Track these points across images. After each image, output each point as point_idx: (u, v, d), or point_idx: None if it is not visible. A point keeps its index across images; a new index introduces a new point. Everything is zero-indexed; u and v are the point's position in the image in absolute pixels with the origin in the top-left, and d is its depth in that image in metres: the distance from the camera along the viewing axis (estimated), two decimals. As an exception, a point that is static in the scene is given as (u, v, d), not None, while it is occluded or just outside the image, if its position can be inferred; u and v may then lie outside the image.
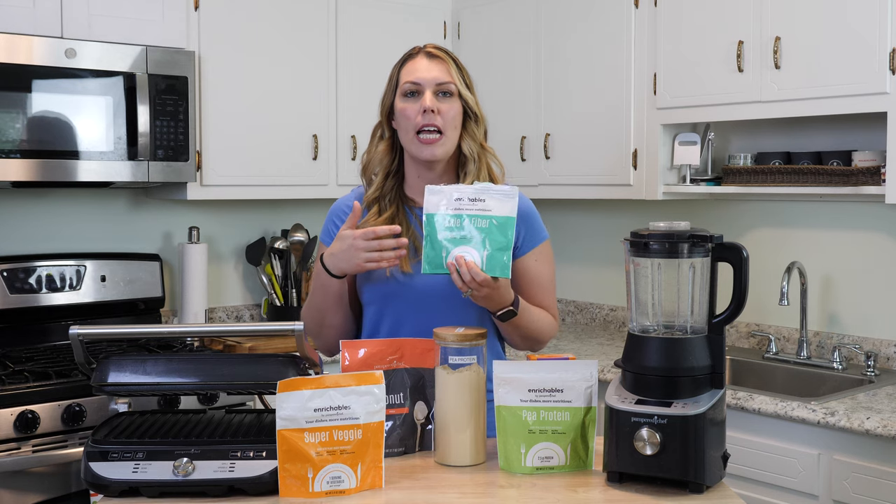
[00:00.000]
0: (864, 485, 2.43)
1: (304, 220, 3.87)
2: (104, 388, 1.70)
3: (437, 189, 1.84)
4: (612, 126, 3.47)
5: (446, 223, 1.82)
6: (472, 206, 1.82)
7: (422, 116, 1.96)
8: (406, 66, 2.02)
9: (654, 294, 1.70)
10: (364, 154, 2.09)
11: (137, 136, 3.14)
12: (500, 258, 1.80)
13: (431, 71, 1.99)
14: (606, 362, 3.12)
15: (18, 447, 2.61)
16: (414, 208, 2.04)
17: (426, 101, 1.96)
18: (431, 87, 1.98)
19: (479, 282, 1.79)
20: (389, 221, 2.00)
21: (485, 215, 1.81)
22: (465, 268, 1.78)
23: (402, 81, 2.00)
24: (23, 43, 2.93)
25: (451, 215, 1.82)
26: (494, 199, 1.82)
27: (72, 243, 3.45)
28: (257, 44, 3.51)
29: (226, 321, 3.79)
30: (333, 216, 2.10)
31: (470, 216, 1.81)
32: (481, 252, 1.80)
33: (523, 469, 1.71)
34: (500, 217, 1.81)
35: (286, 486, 1.58)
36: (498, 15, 3.88)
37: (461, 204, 1.82)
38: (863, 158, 2.94)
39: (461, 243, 1.81)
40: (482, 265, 1.80)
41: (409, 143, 2.00)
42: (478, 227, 1.81)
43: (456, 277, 1.80)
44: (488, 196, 1.82)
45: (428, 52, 2.03)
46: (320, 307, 2.00)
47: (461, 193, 1.82)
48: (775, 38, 2.96)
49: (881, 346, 3.08)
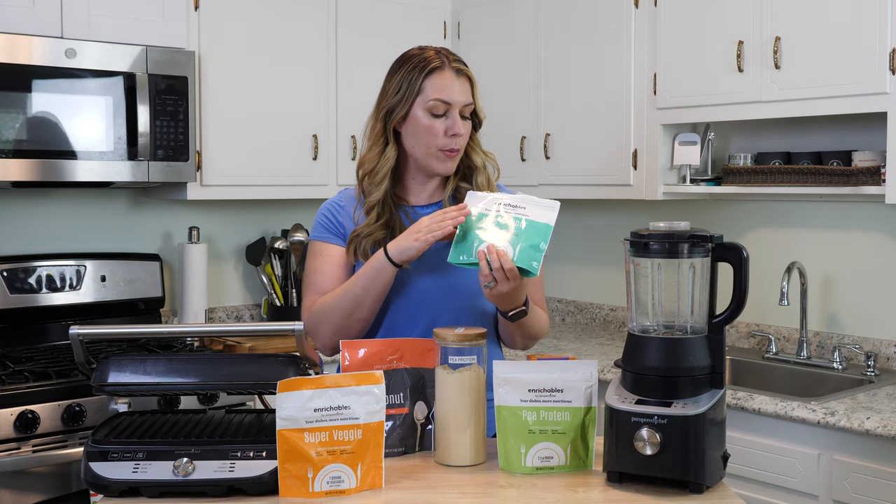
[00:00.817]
0: (864, 485, 2.43)
1: (304, 220, 3.87)
2: (104, 388, 1.70)
3: (480, 195, 1.88)
4: (612, 126, 3.47)
5: (484, 220, 1.84)
6: (513, 211, 1.84)
7: (450, 139, 1.98)
8: (434, 80, 1.98)
9: (654, 294, 1.70)
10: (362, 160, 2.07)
11: (137, 136, 3.14)
12: (533, 255, 1.79)
13: (463, 93, 2.00)
14: (606, 362, 3.12)
15: (18, 447, 2.61)
16: (406, 207, 2.06)
17: (458, 126, 1.98)
18: (459, 108, 1.99)
19: (506, 271, 1.78)
20: (385, 225, 2.00)
21: (524, 217, 1.83)
22: (496, 255, 1.78)
23: (430, 96, 1.97)
24: (23, 43, 2.93)
25: (487, 214, 1.84)
26: (536, 208, 1.84)
27: (72, 243, 3.45)
28: (257, 44, 3.51)
29: (226, 321, 3.79)
30: (325, 211, 2.10)
31: (509, 216, 1.83)
32: (515, 245, 1.80)
33: (523, 469, 1.71)
34: (538, 223, 1.82)
35: (286, 486, 1.58)
36: (498, 15, 3.88)
37: (502, 208, 1.85)
38: (863, 158, 2.94)
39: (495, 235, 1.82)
40: (514, 257, 1.79)
41: (427, 156, 2.00)
42: (515, 225, 1.82)
43: (484, 265, 1.79)
44: (529, 205, 1.84)
45: (456, 68, 2.00)
46: (360, 297, 1.94)
47: (503, 199, 1.86)
48: (775, 38, 2.96)
49: (881, 346, 3.08)
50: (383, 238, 1.98)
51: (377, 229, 2.00)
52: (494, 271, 1.78)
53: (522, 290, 1.87)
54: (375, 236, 1.99)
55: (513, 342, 2.08)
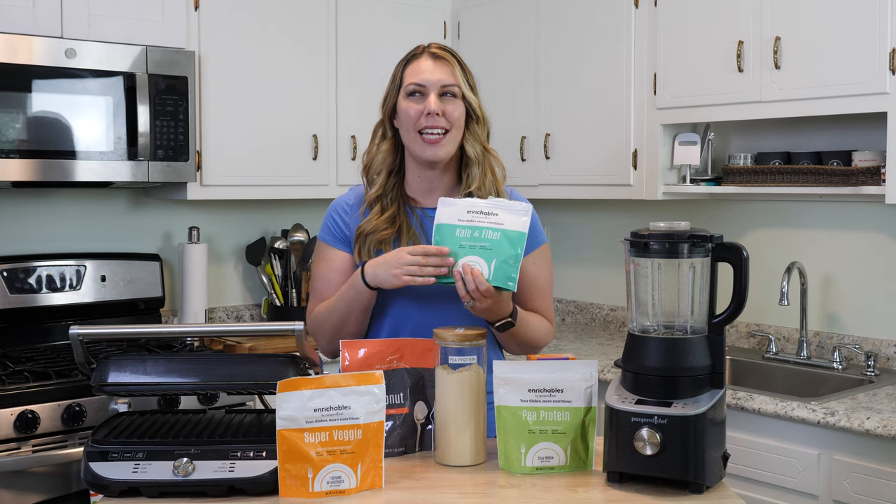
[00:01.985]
0: (864, 485, 2.43)
1: (304, 220, 3.87)
2: (104, 388, 1.70)
3: (450, 201, 1.85)
4: (612, 126, 3.47)
5: (456, 233, 1.82)
6: (485, 219, 1.82)
7: (425, 118, 1.96)
8: (410, 66, 2.01)
9: (654, 294, 1.70)
10: (365, 154, 2.09)
11: (137, 136, 3.14)
12: (508, 271, 1.80)
13: (436, 73, 1.98)
14: (606, 362, 3.12)
15: (18, 447, 2.61)
16: (415, 208, 2.04)
17: (430, 104, 1.96)
18: (436, 89, 1.98)
19: (482, 292, 1.79)
20: (391, 220, 2.00)
21: (496, 228, 1.81)
22: (471, 276, 1.78)
23: (406, 82, 2.00)
24: (23, 43, 2.93)
25: (461, 226, 1.82)
26: (507, 214, 1.82)
27: (72, 243, 3.45)
28: (257, 44, 3.51)
29: (226, 321, 3.79)
30: (333, 212, 2.09)
31: (481, 228, 1.82)
32: (489, 263, 1.80)
33: (523, 469, 1.71)
34: (511, 231, 1.81)
35: (286, 486, 1.58)
36: (498, 15, 3.88)
37: (473, 216, 1.82)
38: (863, 158, 2.94)
39: (470, 253, 1.81)
40: (489, 276, 1.79)
41: (411, 142, 2.00)
42: (488, 239, 1.81)
43: (461, 286, 1.79)
44: (501, 210, 1.83)
45: (432, 52, 2.02)
46: (344, 315, 1.97)
47: (474, 207, 1.83)
48: (775, 38, 2.96)
49: (881, 346, 3.08)
50: (388, 238, 1.98)
51: (381, 225, 1.99)
52: (471, 292, 1.79)
53: (505, 303, 1.87)
54: (380, 235, 1.99)
55: (509, 349, 2.08)
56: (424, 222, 2.02)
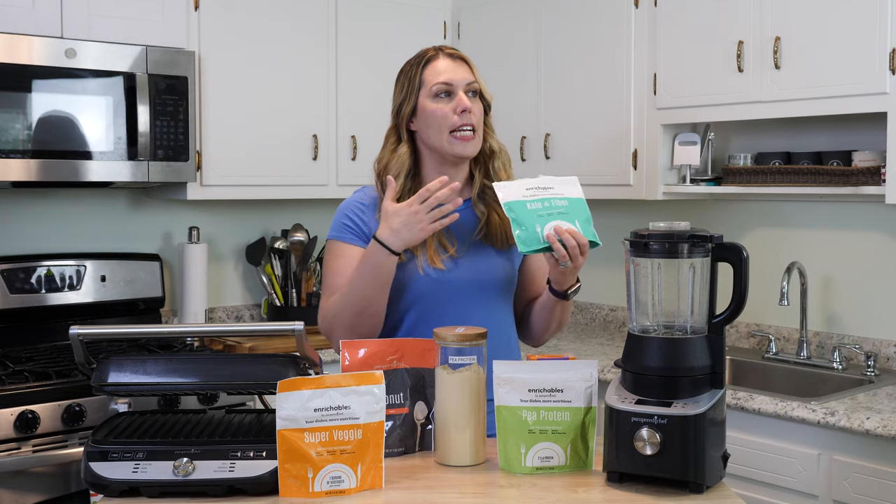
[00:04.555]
0: (864, 485, 2.43)
1: (304, 220, 3.87)
2: (104, 388, 1.70)
3: (504, 185, 1.90)
4: (612, 126, 3.47)
5: (528, 206, 1.86)
6: (546, 192, 1.90)
7: (459, 116, 1.99)
8: (429, 68, 2.03)
9: (654, 294, 1.70)
10: (376, 161, 2.08)
11: (137, 136, 3.14)
12: (590, 228, 1.89)
13: (458, 72, 2.03)
14: (606, 362, 3.12)
15: (18, 447, 2.61)
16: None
17: (464, 102, 2.00)
18: (462, 87, 2.01)
19: (581, 245, 1.84)
20: None
21: (561, 197, 1.89)
22: (568, 234, 1.83)
23: (429, 83, 2.01)
24: (23, 43, 2.93)
25: (530, 200, 1.87)
26: (562, 185, 1.91)
27: (72, 243, 3.45)
28: (257, 44, 3.51)
29: (226, 321, 3.79)
30: (348, 211, 2.07)
31: (548, 199, 1.88)
32: (573, 223, 1.87)
33: (523, 469, 1.71)
34: (573, 198, 1.90)
35: (286, 486, 1.58)
36: (498, 15, 3.88)
37: (535, 192, 1.89)
38: (863, 158, 2.94)
39: (552, 218, 1.86)
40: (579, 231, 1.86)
41: (442, 142, 2.01)
42: (559, 206, 1.88)
43: (559, 246, 1.83)
44: (556, 184, 1.91)
45: (448, 53, 2.06)
46: (366, 294, 1.94)
47: (530, 184, 1.90)
48: (775, 38, 2.96)
49: (881, 346, 3.08)
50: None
51: None
52: (570, 249, 1.83)
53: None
54: None
55: (542, 333, 2.12)
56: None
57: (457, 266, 2.00)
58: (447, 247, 2.01)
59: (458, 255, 2.01)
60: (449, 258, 2.00)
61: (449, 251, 2.00)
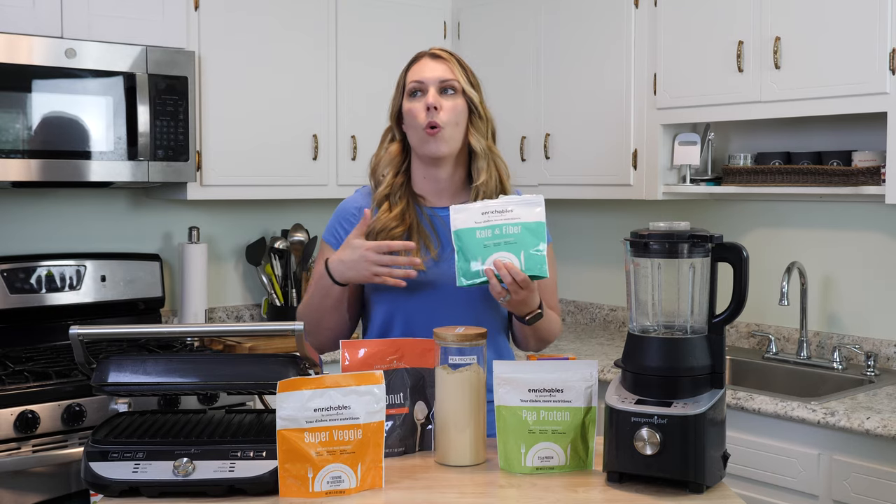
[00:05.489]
0: (864, 485, 2.43)
1: (304, 220, 3.87)
2: (104, 388, 1.70)
3: (461, 207, 1.85)
4: (612, 126, 3.47)
5: (476, 235, 1.82)
6: (501, 217, 1.83)
7: (426, 114, 1.99)
8: (412, 69, 2.06)
9: (654, 294, 1.70)
10: (373, 157, 2.11)
11: (137, 136, 3.14)
12: (538, 260, 1.81)
13: (435, 70, 2.03)
14: (606, 362, 3.12)
15: (18, 447, 2.61)
16: (424, 207, 2.06)
17: (429, 98, 1.99)
18: (435, 85, 2.01)
19: (519, 282, 1.80)
20: (400, 216, 2.01)
21: (515, 222, 1.82)
22: (505, 270, 1.79)
23: (407, 83, 2.04)
24: (23, 43, 2.93)
25: (480, 227, 1.83)
26: (522, 208, 1.83)
27: (72, 243, 3.45)
28: (257, 44, 3.51)
29: (226, 321, 3.79)
30: (340, 218, 2.10)
31: (501, 225, 1.82)
32: (518, 255, 1.81)
33: (523, 469, 1.71)
34: (530, 223, 1.82)
35: (286, 486, 1.58)
36: (498, 15, 3.88)
37: (490, 216, 1.83)
38: (863, 158, 2.94)
39: (496, 250, 1.82)
40: (521, 267, 1.81)
41: (417, 141, 2.02)
42: (510, 234, 1.81)
43: (495, 283, 1.80)
44: (515, 206, 1.83)
45: (432, 53, 2.07)
46: (318, 309, 2.00)
47: (487, 207, 1.84)
48: (775, 38, 2.96)
49: (881, 346, 3.08)
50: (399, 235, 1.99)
51: (391, 223, 2.00)
52: (508, 285, 1.80)
53: (536, 294, 1.90)
54: (392, 233, 1.99)
55: (526, 345, 2.11)
56: (434, 222, 2.03)
57: (436, 268, 1.99)
58: (430, 248, 2.01)
59: (438, 259, 2.00)
60: (430, 259, 1.99)
61: (431, 253, 2.00)
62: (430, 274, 1.99)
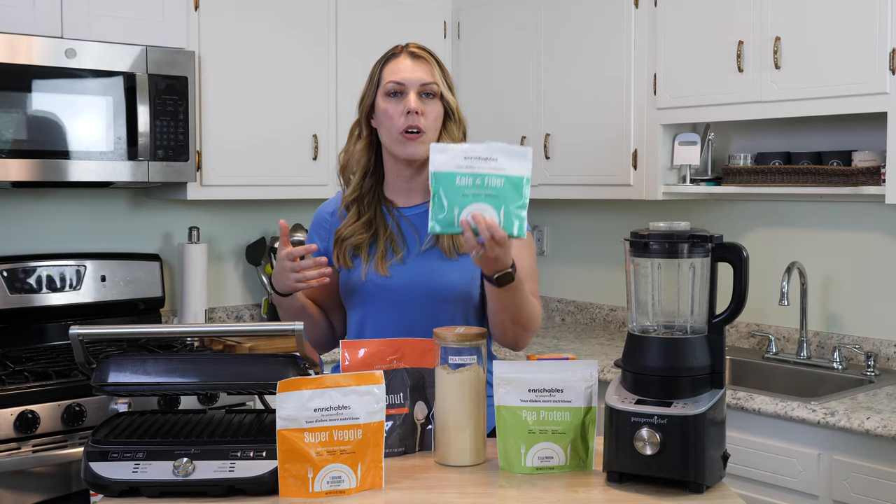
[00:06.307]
0: (864, 485, 2.43)
1: (304, 220, 3.87)
2: (104, 388, 1.70)
3: (443, 147, 1.71)
4: (612, 126, 3.47)
5: (457, 181, 1.69)
6: (485, 165, 1.69)
7: (405, 118, 1.96)
8: (389, 66, 2.01)
9: (654, 294, 1.70)
10: (342, 153, 2.10)
11: (137, 136, 3.14)
12: (518, 216, 1.70)
13: (416, 71, 1.99)
14: (606, 362, 3.12)
15: (18, 447, 2.61)
16: (392, 209, 2.05)
17: (411, 103, 1.96)
18: (415, 88, 1.98)
19: (497, 240, 1.69)
20: (367, 224, 2.01)
21: (498, 174, 1.69)
22: (485, 226, 1.66)
23: (384, 81, 2.00)
24: (23, 43, 2.93)
25: (461, 173, 1.68)
26: (507, 159, 1.70)
27: (72, 243, 3.45)
28: (257, 44, 3.51)
29: (226, 321, 3.79)
30: (315, 224, 2.12)
31: (483, 175, 1.69)
32: (498, 210, 1.70)
33: (523, 469, 1.71)
34: (514, 177, 1.70)
35: (286, 486, 1.58)
36: (498, 15, 3.88)
37: (472, 163, 1.69)
38: (863, 158, 2.94)
39: (475, 200, 1.68)
40: (500, 223, 1.69)
41: (391, 142, 2.00)
42: (492, 186, 1.68)
43: (469, 236, 1.68)
44: (501, 155, 1.70)
45: (411, 51, 2.02)
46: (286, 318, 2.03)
47: (471, 152, 1.69)
48: (775, 38, 2.96)
49: (881, 346, 3.08)
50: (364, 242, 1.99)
51: (358, 229, 2.00)
52: (485, 241, 1.68)
53: (510, 253, 1.77)
54: (356, 240, 2.00)
55: (503, 331, 1.97)
56: (402, 223, 2.02)
57: (401, 273, 1.98)
58: (396, 251, 1.99)
59: (403, 262, 1.99)
60: (396, 264, 1.98)
61: (396, 256, 1.99)
62: (396, 278, 1.98)
